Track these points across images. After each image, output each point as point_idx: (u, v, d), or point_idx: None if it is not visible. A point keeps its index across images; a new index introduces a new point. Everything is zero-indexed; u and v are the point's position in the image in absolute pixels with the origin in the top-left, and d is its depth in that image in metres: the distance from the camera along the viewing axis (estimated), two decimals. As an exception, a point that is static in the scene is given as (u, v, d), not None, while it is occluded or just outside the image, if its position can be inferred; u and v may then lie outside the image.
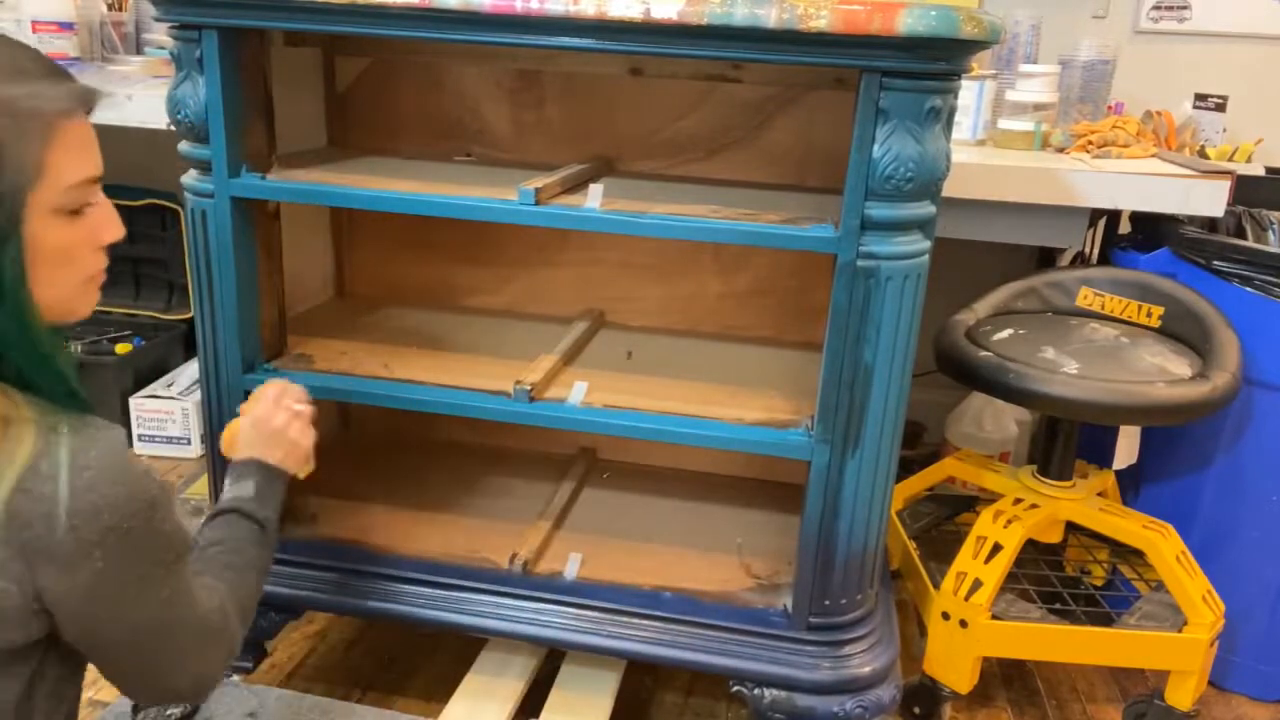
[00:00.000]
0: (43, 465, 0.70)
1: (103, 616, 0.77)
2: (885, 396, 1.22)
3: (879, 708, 1.32)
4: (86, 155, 0.75)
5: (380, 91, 1.68)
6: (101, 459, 0.72)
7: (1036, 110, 1.87)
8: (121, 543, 0.74)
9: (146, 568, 0.78)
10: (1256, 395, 1.58)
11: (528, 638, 1.38)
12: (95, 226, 0.78)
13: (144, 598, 0.79)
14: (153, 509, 0.76)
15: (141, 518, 0.75)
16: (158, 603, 0.80)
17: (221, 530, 1.07)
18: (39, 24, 2.04)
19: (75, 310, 0.80)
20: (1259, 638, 1.65)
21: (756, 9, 1.06)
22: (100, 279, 0.82)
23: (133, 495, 0.74)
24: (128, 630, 0.80)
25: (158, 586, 0.80)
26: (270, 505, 1.11)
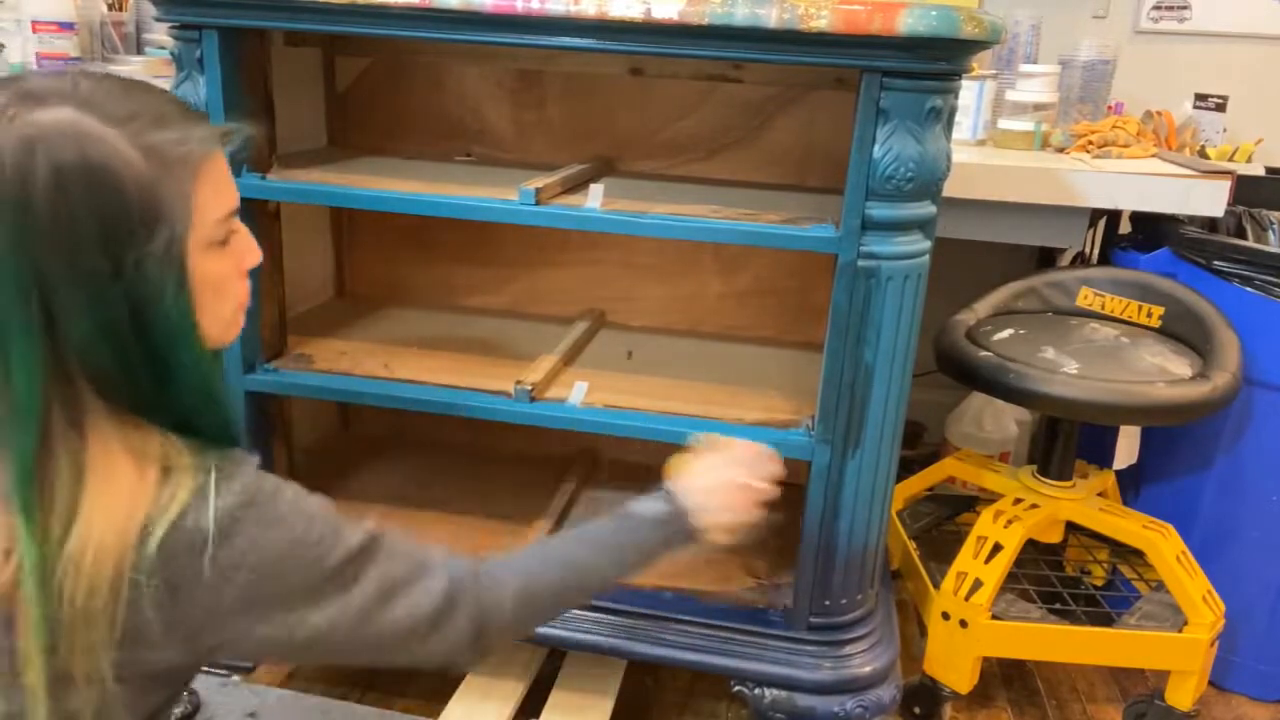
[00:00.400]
0: (194, 507, 0.69)
1: (271, 635, 0.74)
2: (885, 396, 1.22)
3: (879, 708, 1.32)
4: (228, 189, 0.76)
5: (380, 91, 1.69)
6: (239, 489, 0.71)
7: (1037, 110, 1.87)
8: (264, 560, 0.72)
9: (301, 579, 0.75)
10: (1257, 395, 1.58)
11: (528, 637, 1.38)
12: (240, 254, 0.79)
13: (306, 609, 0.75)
14: (284, 524, 0.74)
15: (278, 534, 0.73)
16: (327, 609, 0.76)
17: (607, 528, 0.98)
18: (39, 24, 2.04)
19: (226, 339, 0.80)
20: (1259, 638, 1.65)
21: (757, 9, 1.06)
22: (246, 304, 0.82)
23: (265, 515, 0.73)
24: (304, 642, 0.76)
25: (324, 595, 0.76)
26: (659, 541, 0.99)
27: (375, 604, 0.79)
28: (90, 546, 0.66)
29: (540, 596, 0.92)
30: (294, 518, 0.75)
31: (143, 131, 0.68)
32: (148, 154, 0.68)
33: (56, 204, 0.64)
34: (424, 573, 0.84)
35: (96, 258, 0.66)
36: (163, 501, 0.69)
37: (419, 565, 0.84)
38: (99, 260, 0.66)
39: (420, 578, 0.83)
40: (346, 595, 0.78)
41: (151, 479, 0.69)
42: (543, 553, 0.96)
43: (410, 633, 0.82)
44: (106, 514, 0.67)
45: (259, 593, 0.72)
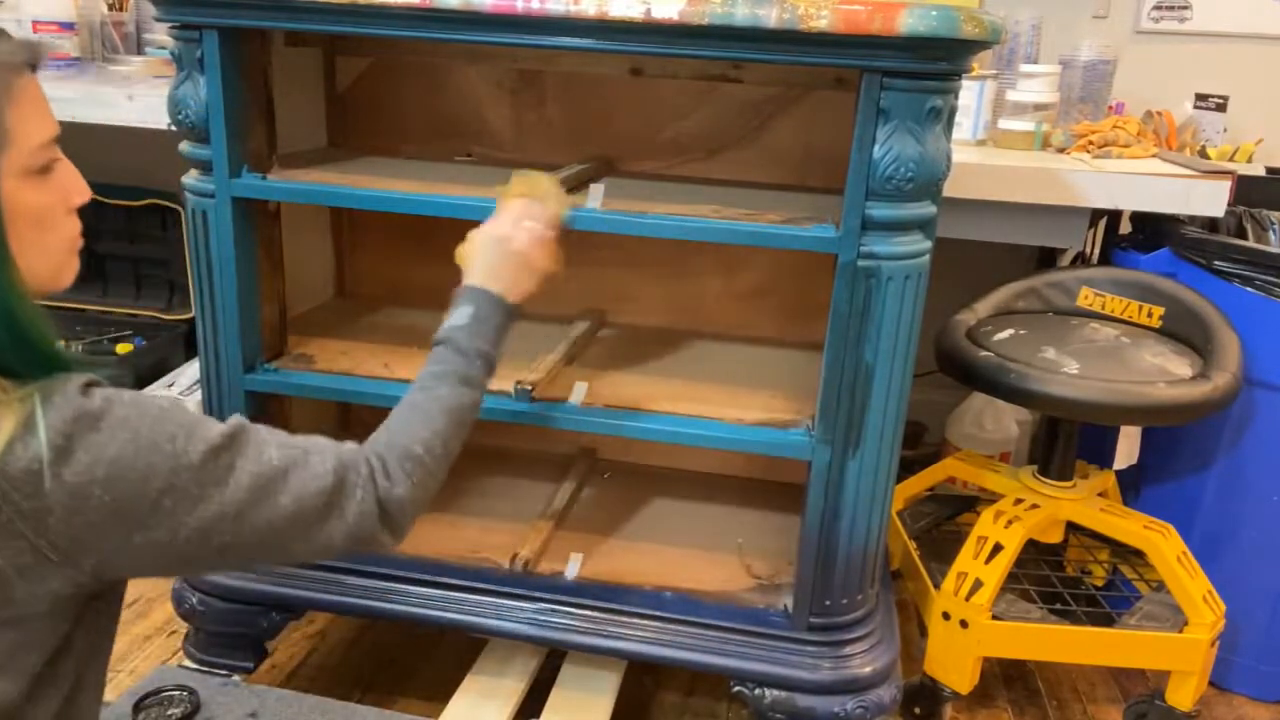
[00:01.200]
0: (21, 439, 0.68)
1: (151, 542, 0.73)
2: (886, 396, 1.22)
3: (879, 708, 1.32)
4: (45, 112, 0.74)
5: (381, 91, 1.68)
6: (63, 405, 0.70)
7: (1037, 110, 1.87)
8: (113, 471, 0.70)
9: (166, 480, 0.73)
10: (1257, 395, 1.58)
11: (528, 638, 1.38)
12: (65, 188, 0.77)
13: (182, 509, 0.74)
14: (129, 427, 0.72)
15: (120, 441, 0.71)
16: (205, 507, 0.75)
17: (424, 368, 0.99)
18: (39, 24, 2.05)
19: (59, 279, 0.78)
20: (1260, 638, 1.65)
21: (757, 9, 1.06)
22: (78, 244, 0.79)
23: (100, 426, 0.71)
24: (191, 544, 0.75)
25: (195, 494, 0.74)
26: (485, 336, 1.02)
27: (257, 494, 0.78)
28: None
29: (431, 450, 0.93)
30: (137, 421, 0.72)
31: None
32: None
33: None
34: (305, 458, 0.82)
35: None
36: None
37: (300, 451, 0.83)
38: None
39: (303, 463, 0.82)
40: (222, 489, 0.76)
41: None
42: (411, 410, 0.96)
43: (301, 519, 0.81)
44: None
45: (122, 501, 0.71)
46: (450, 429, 0.96)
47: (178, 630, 1.69)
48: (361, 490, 0.85)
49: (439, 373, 0.99)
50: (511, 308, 1.07)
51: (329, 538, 0.84)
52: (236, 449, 0.78)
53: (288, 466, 0.81)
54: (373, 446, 0.90)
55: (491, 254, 1.08)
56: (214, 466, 0.76)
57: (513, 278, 1.07)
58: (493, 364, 1.03)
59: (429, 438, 0.93)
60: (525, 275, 1.09)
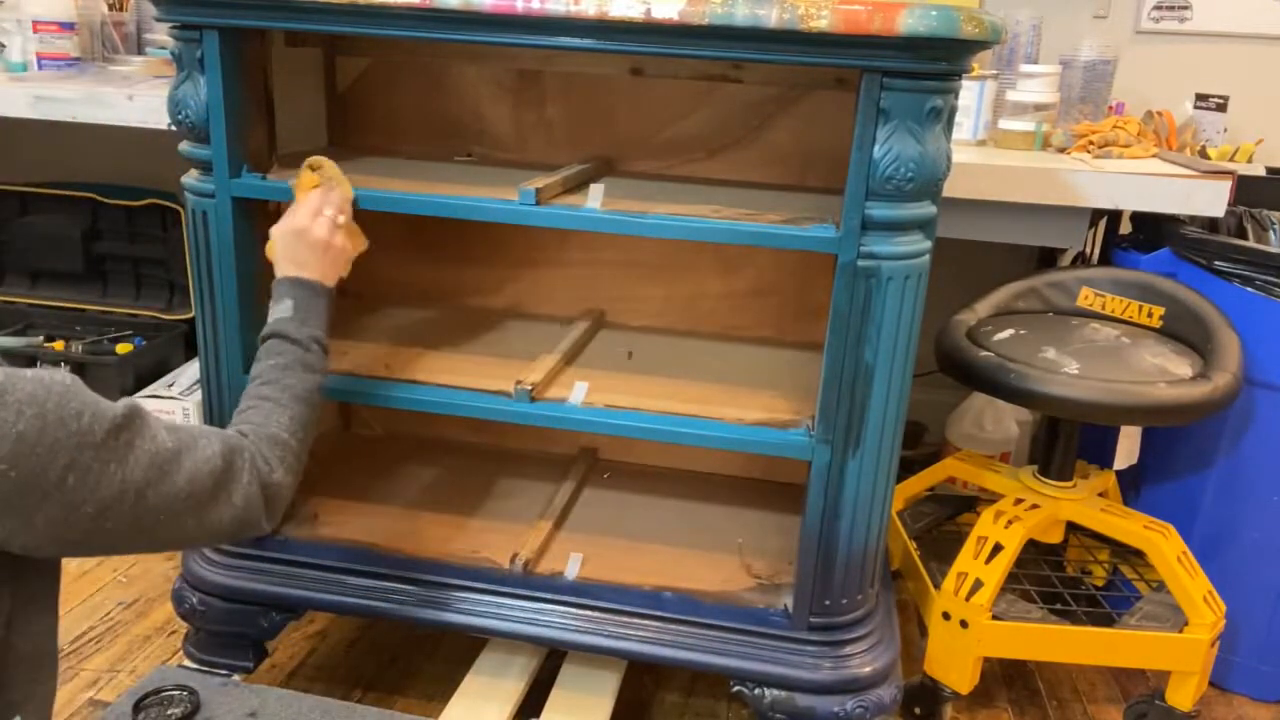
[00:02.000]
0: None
1: (52, 519, 0.75)
2: (886, 396, 1.22)
3: (880, 708, 1.32)
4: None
5: (381, 92, 1.68)
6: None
7: (1037, 110, 1.87)
8: (20, 447, 0.71)
9: (70, 456, 0.74)
10: (1257, 395, 1.58)
11: (528, 638, 1.38)
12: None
13: (85, 486, 0.76)
14: (35, 403, 0.73)
15: (27, 418, 0.72)
16: (107, 485, 0.77)
17: (262, 361, 1.04)
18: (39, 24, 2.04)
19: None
20: (1260, 638, 1.65)
21: (757, 9, 1.06)
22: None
23: (5, 402, 0.71)
24: (91, 522, 0.77)
25: (97, 470, 0.76)
26: (312, 322, 1.08)
27: (153, 474, 0.81)
28: None
29: (295, 435, 0.99)
30: (44, 397, 0.74)
31: None
32: None
33: None
34: (194, 441, 0.86)
35: None
36: None
37: (188, 435, 0.86)
38: None
39: (192, 446, 0.86)
40: (121, 467, 0.78)
41: None
42: (267, 401, 1.01)
43: (194, 500, 0.84)
44: None
45: (26, 477, 0.72)
46: (306, 413, 1.02)
47: (178, 630, 1.69)
48: (248, 474, 0.90)
49: (281, 364, 1.04)
50: (327, 291, 1.13)
51: (218, 520, 0.88)
52: (135, 429, 0.80)
53: (179, 449, 0.84)
54: (245, 435, 0.95)
55: (294, 247, 1.13)
56: (115, 444, 0.78)
57: (319, 264, 1.13)
58: (325, 347, 1.08)
59: (290, 423, 0.99)
60: (330, 260, 1.15)
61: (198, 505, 0.85)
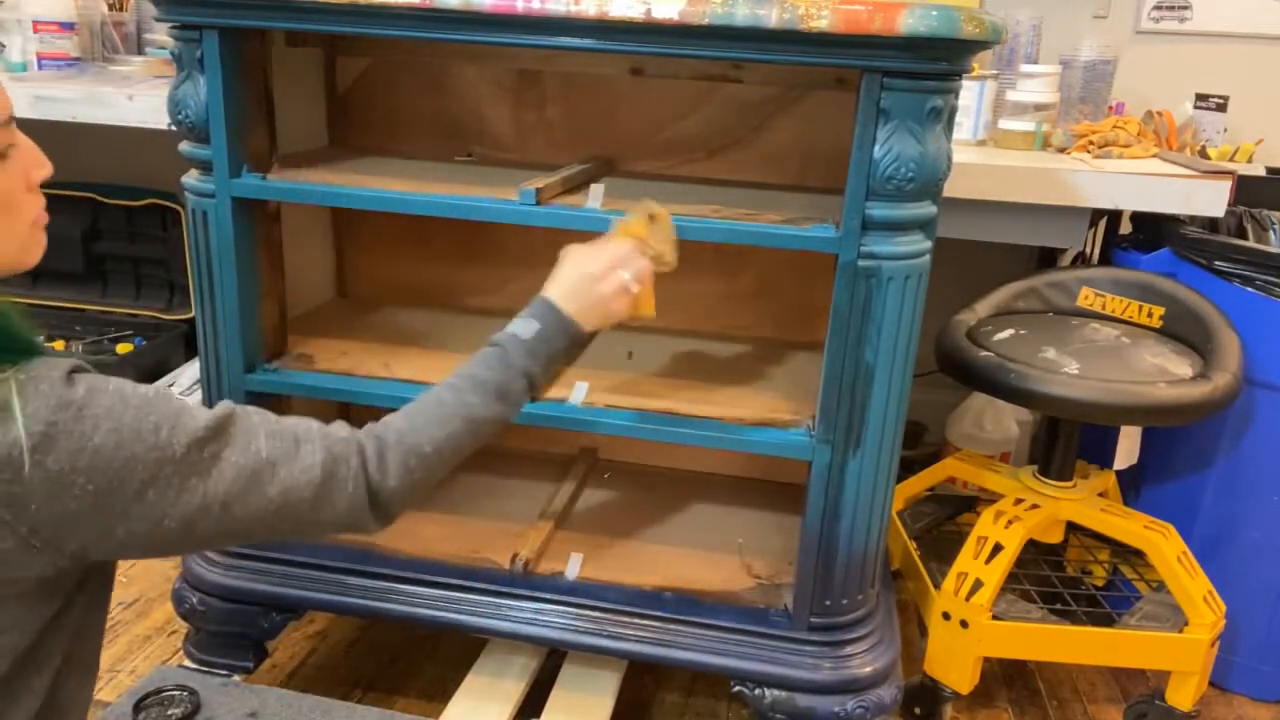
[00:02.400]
0: (5, 438, 0.68)
1: (134, 531, 0.73)
2: (886, 397, 1.22)
3: (880, 708, 1.32)
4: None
5: (381, 92, 1.68)
6: (47, 393, 0.69)
7: (1037, 110, 1.87)
8: (96, 461, 0.70)
9: (149, 471, 0.73)
10: (1257, 395, 1.58)
11: (528, 638, 1.38)
12: (25, 167, 0.77)
13: (165, 500, 0.74)
14: (112, 417, 0.71)
15: (104, 431, 0.71)
16: (189, 499, 0.75)
17: (471, 363, 0.98)
18: (40, 24, 2.04)
19: (25, 259, 0.78)
20: (1260, 638, 1.65)
21: (758, 9, 1.06)
22: (44, 221, 0.79)
23: (83, 415, 0.70)
24: (176, 533, 0.75)
25: (177, 485, 0.74)
26: (539, 357, 1.01)
27: (242, 486, 0.78)
28: None
29: (440, 452, 0.93)
30: (121, 410, 0.72)
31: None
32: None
33: None
34: (296, 449, 0.83)
35: None
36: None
37: (290, 442, 0.83)
38: None
39: (292, 455, 0.82)
40: (205, 481, 0.76)
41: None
42: (436, 407, 0.95)
43: (288, 510, 0.81)
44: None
45: (104, 491, 0.71)
46: (466, 438, 0.96)
47: (178, 630, 1.69)
48: (353, 483, 0.86)
49: (479, 379, 0.98)
50: (578, 335, 1.06)
51: (317, 525, 0.85)
52: (223, 440, 0.78)
53: (276, 459, 0.81)
54: (382, 432, 0.91)
55: (575, 282, 1.07)
56: (198, 458, 0.76)
57: (586, 312, 1.06)
58: (537, 387, 1.01)
59: (443, 440, 0.93)
60: (599, 316, 1.08)
61: (293, 514, 0.82)
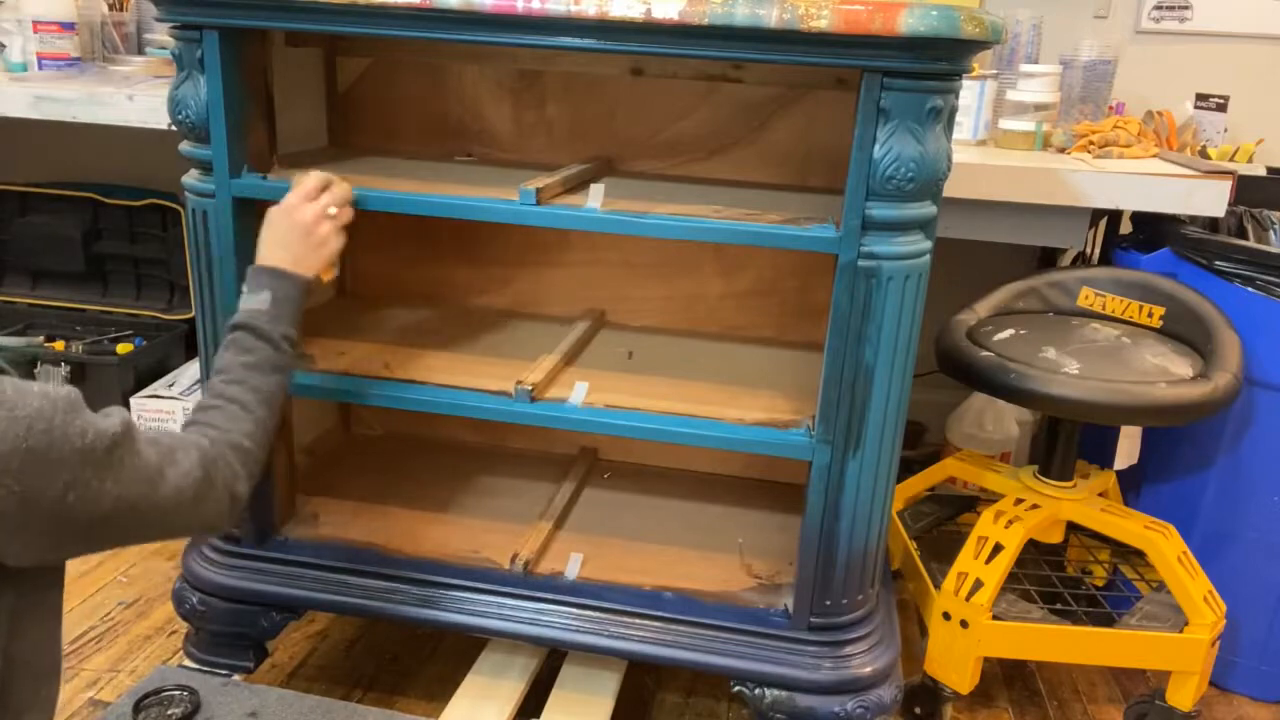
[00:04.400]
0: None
1: (46, 531, 0.77)
2: (886, 397, 1.21)
3: (880, 708, 1.32)
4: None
5: (381, 91, 1.68)
6: None
7: (1038, 110, 1.87)
8: (26, 463, 0.73)
9: (73, 473, 0.76)
10: (1258, 395, 1.58)
11: (529, 638, 1.38)
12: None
13: (83, 501, 0.78)
14: (43, 419, 0.74)
15: (36, 434, 0.73)
16: (103, 500, 0.79)
17: (229, 354, 1.04)
18: (40, 24, 2.04)
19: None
20: (1260, 638, 1.65)
21: (758, 9, 1.05)
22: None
23: (14, 419, 0.72)
24: (83, 533, 0.80)
25: (95, 486, 0.79)
26: (286, 319, 1.07)
27: (143, 487, 0.84)
28: None
29: (255, 440, 1.01)
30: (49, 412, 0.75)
31: None
32: None
33: None
34: (173, 455, 0.89)
35: None
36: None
37: (166, 449, 0.89)
38: None
39: (173, 460, 0.89)
40: (117, 483, 0.81)
41: None
42: (233, 405, 1.02)
43: (181, 506, 0.88)
44: None
45: (30, 491, 0.74)
46: (269, 416, 1.03)
47: (178, 630, 1.69)
48: (221, 485, 0.94)
49: (250, 362, 1.04)
50: (304, 283, 1.11)
51: (187, 526, 0.92)
52: (128, 444, 0.83)
53: (161, 462, 0.87)
54: (219, 436, 0.98)
55: (280, 227, 1.12)
56: (110, 460, 0.80)
57: (301, 249, 1.11)
58: (295, 344, 1.07)
59: (253, 430, 1.01)
60: (313, 248, 1.13)
61: (179, 513, 0.89)
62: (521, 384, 1.33)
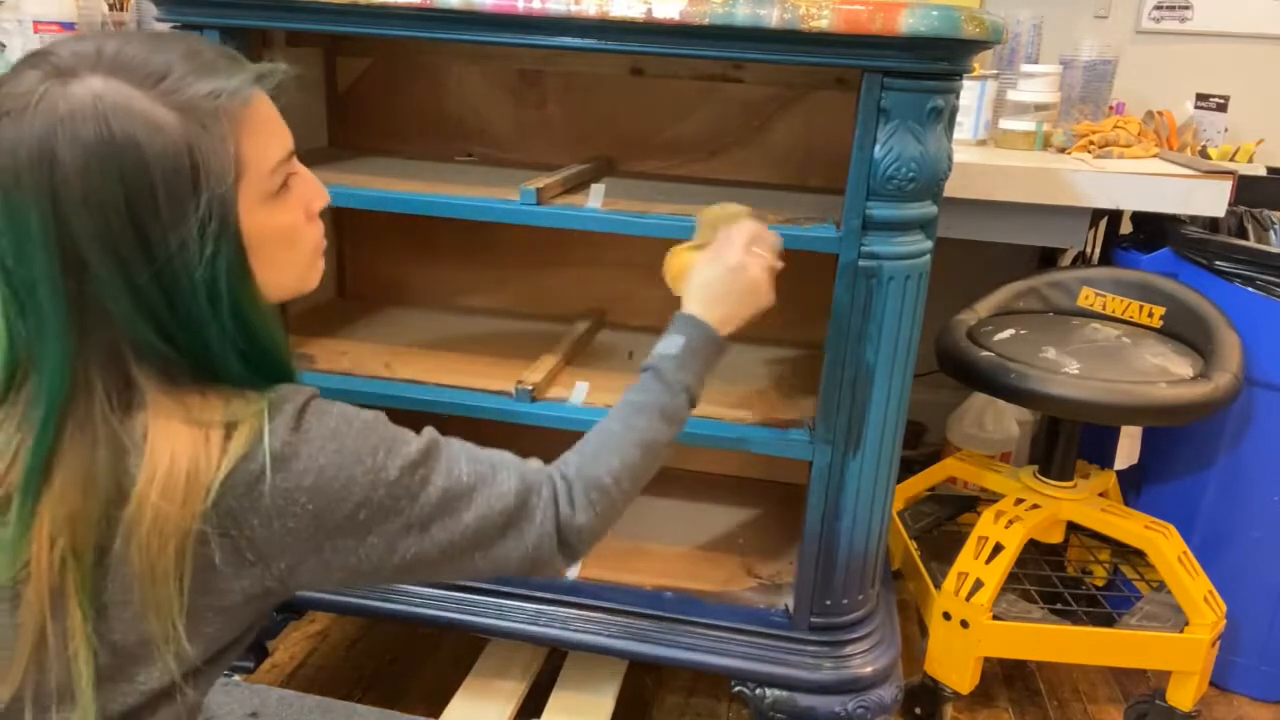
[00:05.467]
0: (251, 449, 0.68)
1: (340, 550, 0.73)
2: (886, 396, 1.21)
3: (880, 708, 1.32)
4: (278, 132, 0.73)
5: (381, 91, 1.68)
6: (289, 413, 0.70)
7: (1038, 110, 1.87)
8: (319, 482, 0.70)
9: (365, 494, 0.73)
10: (1258, 395, 1.58)
11: (529, 637, 1.38)
12: (304, 198, 0.76)
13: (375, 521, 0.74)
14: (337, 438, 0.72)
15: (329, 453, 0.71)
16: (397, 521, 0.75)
17: (629, 393, 0.97)
18: (40, 24, 2.04)
19: (307, 284, 0.78)
20: (1261, 638, 1.65)
21: (758, 9, 1.05)
22: (323, 246, 0.79)
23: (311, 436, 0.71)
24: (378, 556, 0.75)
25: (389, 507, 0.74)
26: (692, 370, 0.98)
27: (444, 510, 0.78)
28: (144, 521, 0.65)
29: (619, 482, 0.91)
30: (345, 432, 0.73)
31: (175, 89, 0.65)
32: (182, 113, 0.65)
33: (84, 187, 0.62)
34: (493, 474, 0.82)
35: (131, 236, 0.64)
36: (228, 457, 0.68)
37: (488, 467, 0.83)
38: (134, 238, 0.64)
39: (490, 480, 0.82)
40: (413, 503, 0.76)
41: (216, 441, 0.68)
42: (607, 438, 0.94)
43: (482, 536, 0.80)
44: (164, 487, 0.66)
45: (322, 510, 0.71)
46: (642, 462, 0.93)
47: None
48: (542, 514, 0.85)
49: (640, 404, 0.96)
50: (723, 341, 1.03)
51: (505, 556, 0.83)
52: (431, 464, 0.78)
53: (476, 483, 0.81)
54: (561, 469, 0.90)
55: (720, 283, 1.03)
56: (409, 481, 0.76)
57: (734, 309, 1.03)
58: (695, 399, 1.00)
59: (619, 469, 0.91)
60: (748, 307, 1.04)
61: (485, 541, 0.81)
62: (521, 384, 1.33)
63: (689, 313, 1.02)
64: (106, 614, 0.68)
